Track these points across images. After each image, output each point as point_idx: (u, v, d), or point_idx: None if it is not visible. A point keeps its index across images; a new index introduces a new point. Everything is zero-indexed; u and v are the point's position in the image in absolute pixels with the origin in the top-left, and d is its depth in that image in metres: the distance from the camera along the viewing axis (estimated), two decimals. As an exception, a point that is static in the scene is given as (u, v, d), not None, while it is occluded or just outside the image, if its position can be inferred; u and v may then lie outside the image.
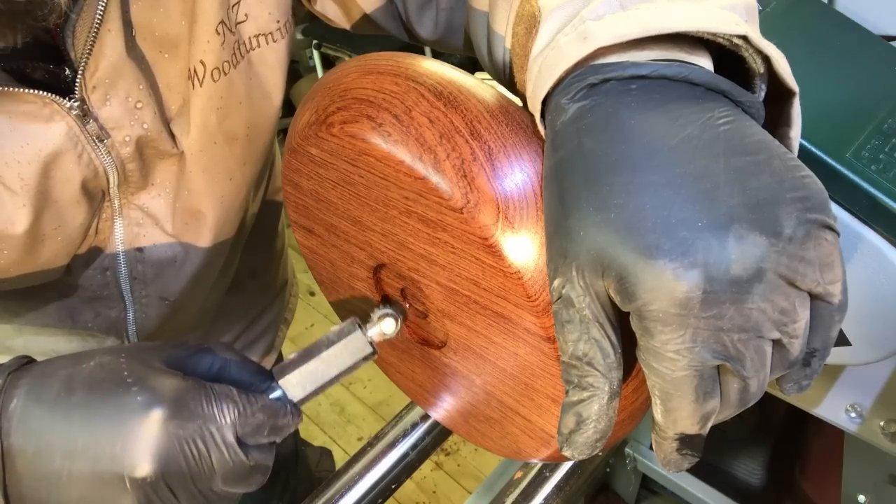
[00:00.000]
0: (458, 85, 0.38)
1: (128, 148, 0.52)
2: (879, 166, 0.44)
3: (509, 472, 0.79)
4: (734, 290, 0.27)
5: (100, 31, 0.47)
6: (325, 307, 2.30)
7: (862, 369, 0.59)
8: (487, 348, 0.43)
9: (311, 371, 0.43)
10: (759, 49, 0.32)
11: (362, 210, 0.44)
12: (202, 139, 0.56)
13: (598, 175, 0.30)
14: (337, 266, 0.53)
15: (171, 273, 0.62)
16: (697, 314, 0.27)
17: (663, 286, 0.27)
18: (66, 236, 0.53)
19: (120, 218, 0.56)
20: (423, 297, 0.46)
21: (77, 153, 0.50)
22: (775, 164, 0.29)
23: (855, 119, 0.46)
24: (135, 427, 0.36)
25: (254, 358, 0.85)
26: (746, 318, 0.27)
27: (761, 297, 0.27)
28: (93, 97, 0.49)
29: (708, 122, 0.30)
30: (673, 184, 0.28)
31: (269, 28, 0.57)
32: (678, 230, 0.27)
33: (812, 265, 0.28)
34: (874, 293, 0.46)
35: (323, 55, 2.70)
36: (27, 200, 0.49)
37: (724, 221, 0.27)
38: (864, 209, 0.44)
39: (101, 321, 0.62)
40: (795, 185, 0.28)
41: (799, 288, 0.28)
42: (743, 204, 0.28)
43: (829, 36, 0.50)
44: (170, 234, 0.60)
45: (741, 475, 0.96)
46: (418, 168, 0.36)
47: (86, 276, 0.58)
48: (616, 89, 0.32)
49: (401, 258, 0.44)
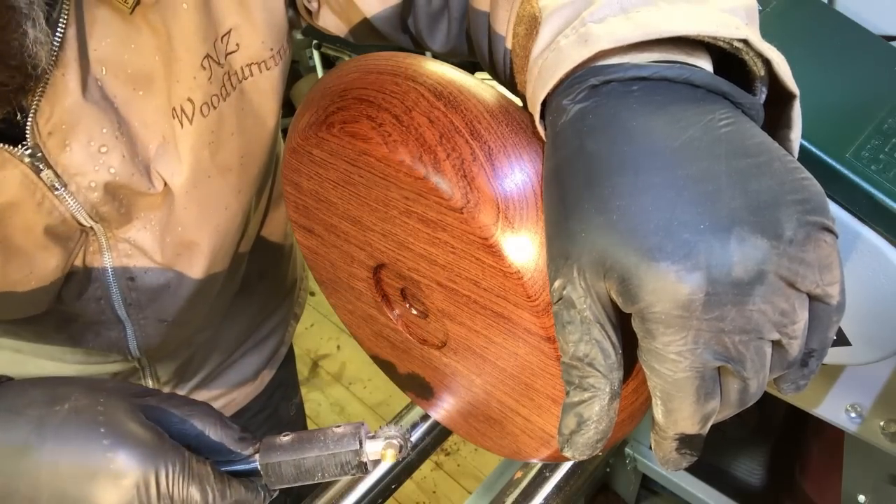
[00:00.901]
0: (457, 85, 0.38)
1: (96, 193, 0.50)
2: (879, 166, 0.44)
3: (509, 472, 0.79)
4: (736, 292, 0.27)
5: (52, 76, 0.44)
6: (325, 307, 2.29)
7: (862, 369, 0.59)
8: (487, 348, 0.43)
9: (297, 466, 0.41)
10: (760, 52, 0.32)
11: (362, 210, 0.44)
12: (195, 176, 0.54)
13: (599, 176, 0.30)
14: (337, 266, 0.53)
15: (166, 297, 0.61)
16: (700, 316, 0.27)
17: (666, 288, 0.27)
18: (40, 279, 0.51)
19: (108, 251, 0.55)
20: (423, 297, 0.46)
21: (36, 201, 0.48)
22: (776, 166, 0.29)
23: (855, 119, 0.46)
24: (101, 496, 0.36)
25: (264, 355, 0.85)
26: (748, 319, 0.28)
27: (762, 298, 0.27)
28: (49, 143, 0.46)
29: (709, 125, 0.30)
30: (675, 185, 0.28)
31: (262, 56, 0.54)
32: (680, 232, 0.28)
33: (812, 267, 0.28)
34: (874, 293, 0.46)
35: (323, 55, 2.70)
36: None
37: (726, 224, 0.28)
38: (864, 209, 0.44)
39: (102, 341, 0.61)
40: (796, 188, 0.29)
41: (798, 290, 0.28)
42: (745, 206, 0.28)
43: (829, 36, 0.50)
44: (160, 264, 0.58)
45: (741, 475, 0.96)
46: (418, 168, 0.36)
47: (80, 305, 0.57)
48: (617, 91, 0.32)
49: (401, 258, 0.44)
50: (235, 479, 0.40)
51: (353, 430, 0.42)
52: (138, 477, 0.36)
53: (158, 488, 0.36)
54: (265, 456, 0.41)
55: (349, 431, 0.42)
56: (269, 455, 0.41)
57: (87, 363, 0.64)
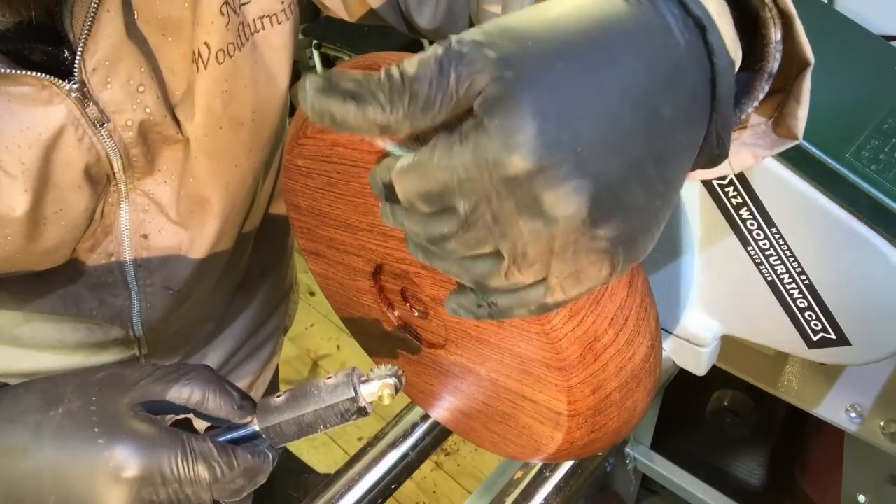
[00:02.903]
0: None
1: (130, 133, 0.52)
2: (879, 166, 0.44)
3: (509, 472, 0.79)
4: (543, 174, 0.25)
5: (98, 12, 0.46)
6: (325, 307, 2.29)
7: (862, 369, 0.59)
8: (480, 326, 0.44)
9: (298, 423, 0.41)
10: (785, 9, 0.31)
11: (347, 209, 0.45)
12: (207, 123, 0.55)
13: (569, 39, 0.27)
14: (345, 285, 0.54)
15: (175, 261, 0.61)
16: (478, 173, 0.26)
17: (530, 145, 0.25)
18: (69, 220, 0.53)
19: (126, 203, 0.56)
20: (417, 291, 0.47)
21: (78, 137, 0.49)
22: (657, 203, 0.28)
23: (855, 119, 0.46)
24: (105, 494, 0.36)
25: (256, 365, 0.85)
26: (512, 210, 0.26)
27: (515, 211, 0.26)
28: (93, 80, 0.48)
29: (671, 133, 0.28)
30: (606, 116, 0.26)
31: (274, 9, 0.56)
32: (571, 130, 0.26)
33: (565, 263, 0.27)
34: (874, 293, 0.46)
35: (323, 55, 2.70)
36: (28, 185, 0.48)
37: (624, 167, 0.26)
38: (864, 209, 0.44)
39: (105, 310, 0.61)
40: (639, 227, 0.28)
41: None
42: (607, 184, 0.26)
43: (829, 36, 0.50)
44: (175, 222, 0.59)
45: (741, 475, 0.96)
46: (378, 141, 0.38)
47: (90, 261, 0.58)
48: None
49: (389, 250, 0.45)
50: (240, 448, 0.40)
51: (346, 378, 0.42)
52: (139, 469, 0.36)
53: (163, 476, 0.36)
54: (263, 420, 0.41)
55: (342, 380, 0.42)
56: (267, 418, 0.41)
57: (87, 350, 0.64)
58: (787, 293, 0.51)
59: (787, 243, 0.49)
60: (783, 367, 0.64)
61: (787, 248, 0.49)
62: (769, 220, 0.48)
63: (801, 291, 0.50)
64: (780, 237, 0.49)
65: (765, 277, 0.51)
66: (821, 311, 0.50)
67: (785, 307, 0.52)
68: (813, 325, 0.51)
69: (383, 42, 2.41)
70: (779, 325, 0.53)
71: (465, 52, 0.26)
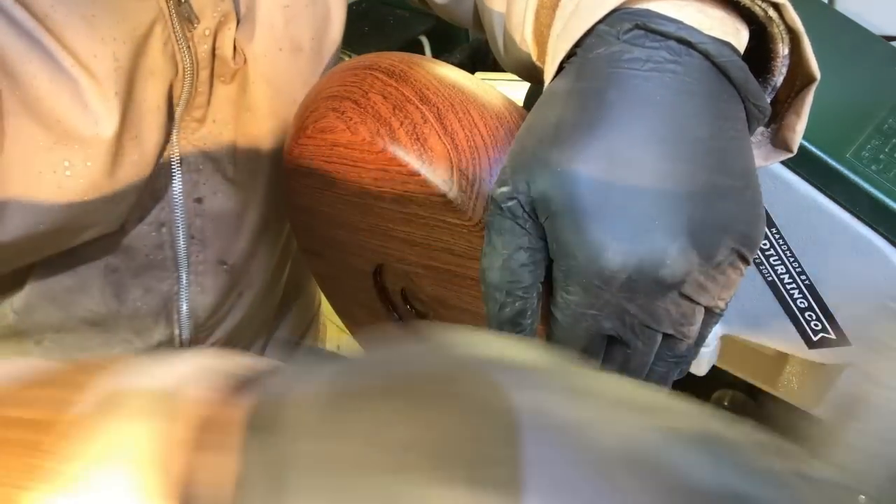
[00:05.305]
0: (408, 61, 0.41)
1: (205, 46, 0.48)
2: (879, 166, 0.44)
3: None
4: (653, 288, 0.29)
5: None
6: (325, 307, 2.29)
7: (862, 369, 0.59)
8: (478, 323, 0.44)
9: None
10: (791, 24, 0.31)
11: (346, 208, 0.45)
12: (266, 42, 0.51)
13: (606, 127, 0.30)
14: (344, 285, 0.54)
15: (230, 230, 0.57)
16: (614, 292, 0.30)
17: (597, 258, 0.29)
18: (142, 154, 0.48)
19: (178, 160, 0.52)
20: (417, 291, 0.47)
21: (163, 40, 0.46)
22: (746, 195, 0.31)
23: (855, 119, 0.46)
24: None
25: None
26: (652, 312, 0.30)
27: (672, 301, 0.30)
28: None
29: (717, 133, 0.30)
30: (656, 174, 0.29)
31: None
32: (636, 217, 0.29)
33: (718, 286, 0.31)
34: (874, 293, 0.46)
35: (323, 55, 2.70)
36: (120, 87, 0.45)
37: (678, 230, 0.29)
38: (864, 209, 0.44)
39: (150, 299, 0.56)
40: (748, 221, 0.31)
41: (701, 303, 0.31)
42: (700, 221, 0.29)
43: (829, 36, 0.50)
44: (230, 180, 0.55)
45: (741, 475, 0.96)
46: (377, 142, 0.38)
47: (139, 234, 0.53)
48: (657, 55, 0.31)
49: (388, 250, 0.45)
50: None
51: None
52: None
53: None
54: None
55: None
56: None
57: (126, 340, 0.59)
58: (787, 293, 0.51)
59: (787, 243, 0.49)
60: (783, 367, 0.64)
61: (787, 247, 0.49)
62: (769, 220, 0.48)
63: (801, 291, 0.50)
64: (780, 237, 0.49)
65: (765, 277, 0.51)
66: (821, 311, 0.50)
67: (785, 307, 0.52)
68: (813, 325, 0.51)
69: (383, 42, 2.41)
70: (779, 325, 0.53)
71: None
